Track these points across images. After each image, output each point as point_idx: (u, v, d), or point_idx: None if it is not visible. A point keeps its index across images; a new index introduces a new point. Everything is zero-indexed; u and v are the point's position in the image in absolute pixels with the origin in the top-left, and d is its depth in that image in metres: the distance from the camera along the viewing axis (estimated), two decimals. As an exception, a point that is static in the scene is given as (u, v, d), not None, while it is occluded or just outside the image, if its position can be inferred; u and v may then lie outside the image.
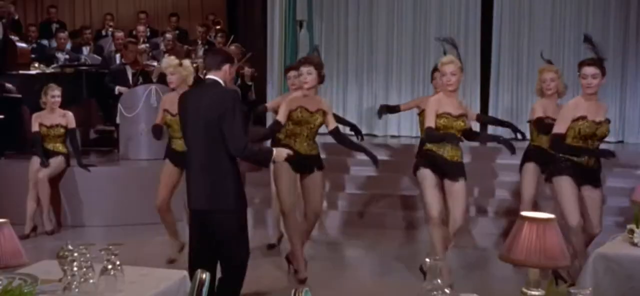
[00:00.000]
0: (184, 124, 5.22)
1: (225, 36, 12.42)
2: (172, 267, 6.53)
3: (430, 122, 6.07)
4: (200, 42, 12.75)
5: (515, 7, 11.62)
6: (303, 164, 6.50)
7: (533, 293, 3.14)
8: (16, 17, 13.10)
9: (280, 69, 11.58)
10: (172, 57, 7.18)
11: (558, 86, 7.02)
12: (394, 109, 8.42)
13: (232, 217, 5.09)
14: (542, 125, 6.74)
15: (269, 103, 8.04)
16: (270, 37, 11.54)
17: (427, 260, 3.26)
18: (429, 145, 6.23)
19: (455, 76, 6.17)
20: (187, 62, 7.17)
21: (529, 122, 7.22)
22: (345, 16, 12.27)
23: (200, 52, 12.37)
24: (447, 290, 3.18)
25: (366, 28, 12.13)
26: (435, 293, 3.17)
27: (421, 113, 7.62)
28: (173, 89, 7.07)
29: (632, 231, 4.74)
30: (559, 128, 5.88)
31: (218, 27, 13.35)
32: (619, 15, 11.29)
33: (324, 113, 6.51)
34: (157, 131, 7.28)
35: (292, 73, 7.22)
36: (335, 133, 6.60)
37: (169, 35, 12.05)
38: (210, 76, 5.17)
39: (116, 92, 10.30)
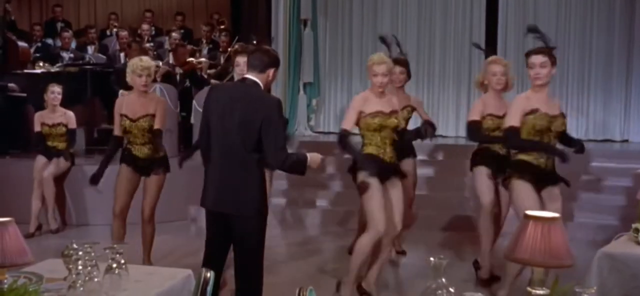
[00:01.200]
0: (211, 120, 4.88)
1: (230, 35, 12.42)
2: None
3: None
4: (204, 41, 12.75)
5: (520, 7, 11.60)
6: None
7: (538, 292, 3.13)
8: (13, 18, 13.14)
9: (284, 68, 11.58)
10: (145, 58, 6.78)
11: (508, 81, 6.59)
12: None
13: (256, 222, 4.90)
14: (476, 131, 6.34)
15: None
16: (275, 36, 11.54)
17: (432, 259, 3.25)
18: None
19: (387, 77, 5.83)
20: (146, 59, 6.80)
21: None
22: (349, 15, 12.26)
23: (205, 51, 12.39)
24: (451, 289, 3.18)
25: (371, 27, 12.12)
26: (440, 292, 3.16)
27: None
28: (144, 91, 6.78)
29: (637, 230, 4.73)
30: (512, 120, 5.48)
31: (222, 26, 13.35)
32: (624, 14, 11.27)
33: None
34: (115, 147, 7.13)
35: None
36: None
37: (175, 34, 12.06)
38: (250, 76, 4.85)
39: (120, 95, 10.29)
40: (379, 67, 5.77)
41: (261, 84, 4.83)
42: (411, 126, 7.15)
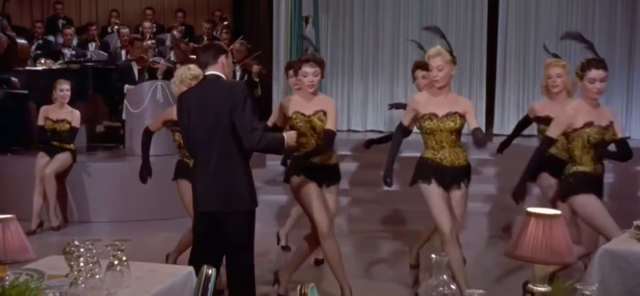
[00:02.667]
0: (190, 126, 5.02)
1: (231, 32, 12.42)
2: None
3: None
4: (206, 38, 12.74)
5: (521, 2, 11.58)
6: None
7: (540, 289, 3.14)
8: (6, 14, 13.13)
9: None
10: (193, 66, 6.21)
11: (566, 83, 6.15)
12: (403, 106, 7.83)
13: (246, 218, 5.00)
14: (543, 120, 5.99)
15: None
16: (276, 33, 11.56)
17: (433, 256, 3.25)
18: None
19: (442, 71, 5.54)
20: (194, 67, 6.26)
21: (532, 119, 6.38)
22: (351, 12, 12.25)
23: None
24: (452, 286, 3.18)
25: (372, 24, 12.11)
26: (441, 289, 3.16)
27: None
28: None
29: (639, 228, 4.72)
30: (552, 132, 5.38)
31: (225, 23, 13.36)
32: (626, 10, 11.25)
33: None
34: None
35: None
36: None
37: (175, 32, 12.06)
38: (210, 72, 5.02)
39: (125, 91, 10.31)
40: (435, 59, 5.53)
41: (221, 74, 5.00)
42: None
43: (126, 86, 10.35)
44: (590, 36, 11.27)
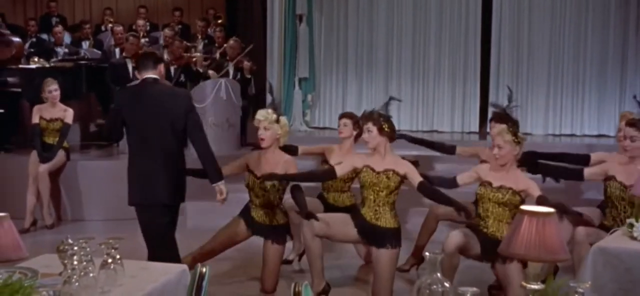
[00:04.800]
0: (137, 122, 5.48)
1: (225, 30, 12.41)
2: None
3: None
4: (199, 36, 12.74)
5: (515, 1, 11.59)
6: None
7: (533, 286, 3.15)
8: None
9: (280, 63, 11.58)
10: (269, 111, 6.02)
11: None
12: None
13: (166, 211, 5.66)
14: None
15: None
16: (270, 31, 11.55)
17: (427, 253, 3.26)
18: None
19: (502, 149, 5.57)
20: (284, 119, 6.05)
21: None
22: (345, 11, 12.24)
23: (200, 47, 12.37)
24: (446, 284, 3.19)
25: (366, 23, 12.11)
26: (435, 286, 3.17)
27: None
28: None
29: (631, 226, 4.74)
30: None
31: (219, 21, 13.35)
32: (619, 10, 11.28)
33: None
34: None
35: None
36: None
37: (168, 31, 12.05)
38: (150, 75, 5.50)
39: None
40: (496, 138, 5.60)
41: (159, 79, 5.55)
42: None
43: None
44: (583, 35, 11.41)
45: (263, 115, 5.96)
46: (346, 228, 5.84)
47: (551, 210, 3.26)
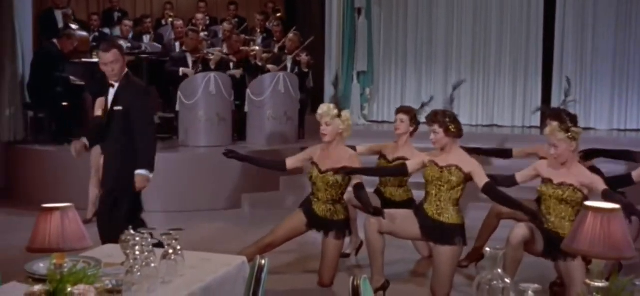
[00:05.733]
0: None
1: (283, 24, 12.45)
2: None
3: None
4: (258, 30, 12.80)
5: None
6: None
7: (597, 284, 3.08)
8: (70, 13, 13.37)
9: (338, 56, 11.57)
10: (331, 106, 6.07)
11: None
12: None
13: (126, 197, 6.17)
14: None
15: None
16: (329, 24, 11.54)
17: (487, 249, 3.22)
18: None
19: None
20: (346, 114, 6.09)
21: None
22: (404, 3, 12.17)
23: (259, 40, 12.44)
24: (507, 280, 3.15)
25: (426, 16, 12.01)
26: (495, 282, 3.13)
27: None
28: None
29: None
30: None
31: (278, 14, 13.39)
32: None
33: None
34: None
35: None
36: None
37: (226, 25, 12.13)
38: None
39: (180, 74, 10.39)
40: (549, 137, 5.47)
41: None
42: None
43: (181, 69, 10.44)
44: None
45: (324, 109, 5.97)
46: (410, 225, 5.81)
47: (616, 206, 3.18)
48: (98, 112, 8.79)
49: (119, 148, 6.13)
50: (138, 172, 6.09)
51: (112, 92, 6.13)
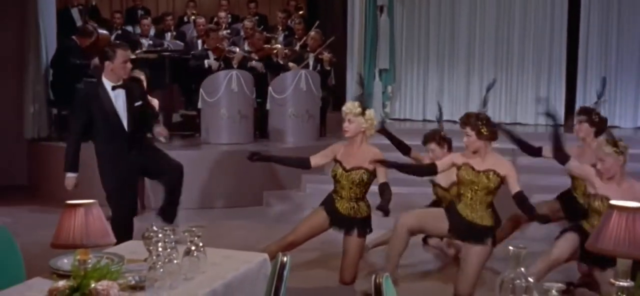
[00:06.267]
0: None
1: (305, 22, 12.45)
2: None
3: None
4: (280, 28, 12.80)
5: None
6: None
7: (622, 284, 3.05)
8: (94, 3, 13.46)
9: (360, 54, 11.56)
10: (356, 104, 6.05)
11: None
12: None
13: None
14: None
15: None
16: (351, 22, 11.52)
17: (511, 248, 3.20)
18: None
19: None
20: (370, 112, 6.04)
21: None
22: (426, 1, 12.13)
23: (281, 38, 12.45)
24: (531, 278, 3.12)
25: (448, 13, 11.97)
26: (518, 281, 3.11)
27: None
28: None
29: None
30: None
31: (300, 12, 13.38)
32: None
33: None
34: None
35: None
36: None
37: (247, 22, 12.15)
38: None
39: (206, 66, 10.43)
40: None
41: (103, 77, 6.17)
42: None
43: (206, 61, 10.48)
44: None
45: (348, 107, 5.95)
46: (439, 223, 5.80)
47: (641, 205, 3.15)
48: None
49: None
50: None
51: (121, 92, 6.19)
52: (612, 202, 3.24)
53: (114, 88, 6.17)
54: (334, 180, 6.02)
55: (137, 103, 6.26)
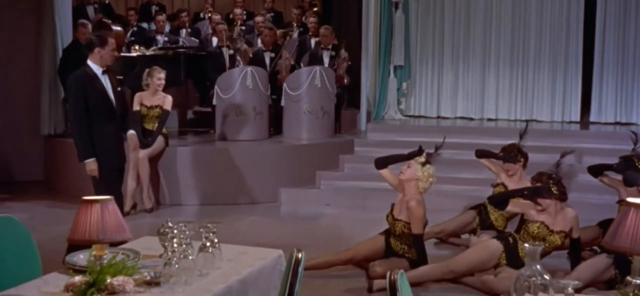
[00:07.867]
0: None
1: (320, 18, 12.43)
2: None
3: None
4: (295, 24, 12.79)
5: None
6: None
7: (638, 281, 3.04)
8: (107, 2, 13.49)
9: (375, 51, 11.54)
10: (425, 154, 6.13)
11: None
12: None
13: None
14: None
15: None
16: (366, 18, 11.47)
17: (526, 245, 3.19)
18: None
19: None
20: (429, 169, 6.03)
21: None
22: (442, -2, 12.08)
23: (295, 35, 12.45)
24: (546, 276, 3.11)
25: (464, 9, 11.89)
26: (534, 278, 3.10)
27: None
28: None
29: None
30: None
31: (314, 8, 13.37)
32: None
33: None
34: None
35: None
36: None
37: (259, 18, 12.13)
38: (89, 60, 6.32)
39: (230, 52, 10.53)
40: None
41: (90, 62, 6.26)
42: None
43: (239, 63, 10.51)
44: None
45: (416, 155, 6.02)
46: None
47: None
48: (136, 107, 8.93)
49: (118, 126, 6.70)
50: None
51: (106, 77, 6.41)
52: (629, 199, 3.21)
53: (103, 73, 6.36)
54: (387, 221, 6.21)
55: (118, 89, 6.62)
